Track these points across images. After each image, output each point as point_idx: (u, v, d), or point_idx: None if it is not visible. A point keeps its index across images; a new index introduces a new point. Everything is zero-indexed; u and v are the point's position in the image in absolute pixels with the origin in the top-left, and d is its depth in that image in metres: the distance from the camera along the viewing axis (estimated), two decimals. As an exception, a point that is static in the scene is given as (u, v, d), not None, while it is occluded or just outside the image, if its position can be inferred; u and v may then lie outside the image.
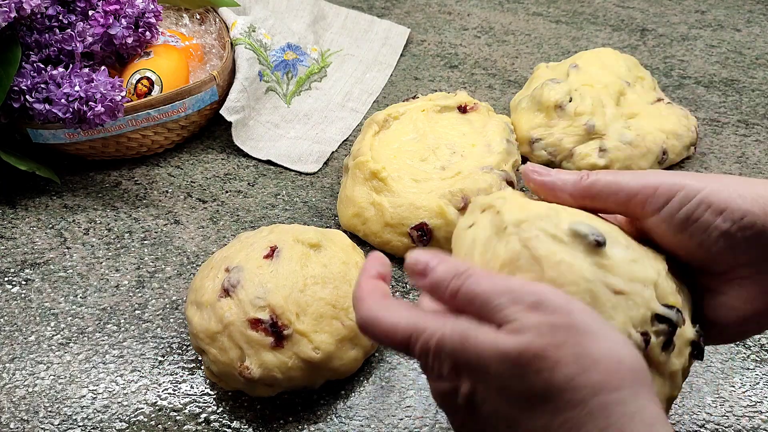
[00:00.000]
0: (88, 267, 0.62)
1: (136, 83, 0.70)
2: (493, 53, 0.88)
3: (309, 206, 0.68)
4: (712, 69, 0.85)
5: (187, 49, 0.76)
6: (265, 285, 0.50)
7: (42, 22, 0.69)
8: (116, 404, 0.52)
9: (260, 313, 0.49)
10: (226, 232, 0.65)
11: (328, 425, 0.50)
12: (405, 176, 0.62)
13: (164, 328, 0.57)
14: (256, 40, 0.78)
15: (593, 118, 0.68)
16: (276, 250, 0.52)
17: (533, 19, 0.95)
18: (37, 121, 0.66)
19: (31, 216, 0.67)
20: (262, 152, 0.74)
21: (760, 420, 0.50)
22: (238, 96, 0.74)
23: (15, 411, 0.51)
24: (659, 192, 0.36)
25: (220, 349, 0.49)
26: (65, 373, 0.54)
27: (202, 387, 0.53)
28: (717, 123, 0.77)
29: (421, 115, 0.67)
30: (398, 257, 0.62)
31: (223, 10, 0.80)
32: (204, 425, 0.50)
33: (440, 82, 0.84)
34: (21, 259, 0.63)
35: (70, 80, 0.64)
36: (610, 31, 0.93)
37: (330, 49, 0.87)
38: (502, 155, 0.64)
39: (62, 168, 0.71)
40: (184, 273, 0.61)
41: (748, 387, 0.52)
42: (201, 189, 0.70)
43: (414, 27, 0.93)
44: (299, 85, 0.81)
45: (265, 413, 0.51)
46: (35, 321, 0.58)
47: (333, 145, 0.75)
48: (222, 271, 0.51)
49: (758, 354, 0.55)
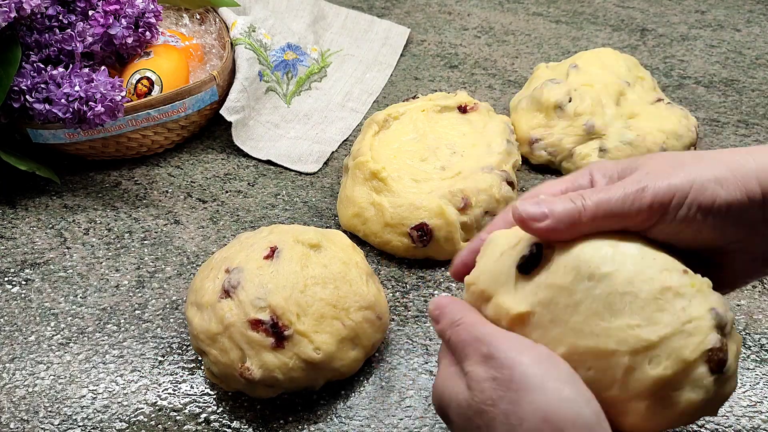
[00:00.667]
0: (88, 267, 0.62)
1: (136, 83, 0.70)
2: (493, 53, 0.88)
3: (309, 206, 0.68)
4: (712, 69, 0.85)
5: (187, 49, 0.76)
6: (266, 286, 0.50)
7: (42, 22, 0.69)
8: (116, 404, 0.52)
9: (261, 314, 0.49)
10: (226, 232, 0.65)
11: (328, 425, 0.50)
12: (405, 176, 0.62)
13: (164, 328, 0.57)
14: (256, 40, 0.78)
15: (593, 118, 0.68)
16: (276, 251, 0.52)
17: (533, 19, 0.95)
18: (37, 121, 0.66)
19: (31, 216, 0.67)
20: (262, 152, 0.74)
21: (760, 420, 0.50)
22: (238, 96, 0.74)
23: (15, 411, 0.51)
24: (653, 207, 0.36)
25: (220, 350, 0.49)
26: (65, 373, 0.54)
27: (202, 387, 0.53)
28: (717, 123, 0.77)
29: (421, 115, 0.67)
30: (398, 257, 0.62)
31: (223, 10, 0.80)
32: (204, 425, 0.50)
33: (440, 82, 0.84)
34: (21, 259, 0.63)
35: (70, 80, 0.64)
36: (610, 31, 0.93)
37: (330, 49, 0.87)
38: (503, 155, 0.64)
39: (62, 168, 0.71)
40: (184, 273, 0.61)
41: (748, 387, 0.52)
42: (201, 189, 0.70)
43: (414, 27, 0.93)
44: (299, 85, 0.81)
45: (265, 413, 0.51)
46: (35, 321, 0.58)
47: (333, 145, 0.75)
48: (222, 271, 0.51)
49: (758, 354, 0.55)
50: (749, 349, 0.55)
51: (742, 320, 0.57)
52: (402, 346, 0.56)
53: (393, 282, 0.61)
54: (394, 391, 0.52)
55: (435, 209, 0.60)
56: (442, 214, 0.60)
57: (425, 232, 0.60)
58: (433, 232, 0.60)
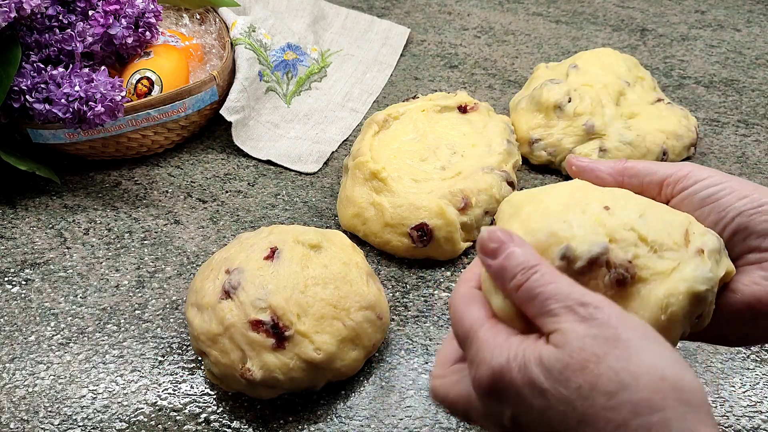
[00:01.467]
0: (88, 267, 0.62)
1: (136, 83, 0.70)
2: (493, 53, 0.88)
3: (309, 206, 0.68)
4: (712, 69, 0.85)
5: (187, 49, 0.76)
6: (266, 286, 0.50)
7: (42, 22, 0.69)
8: (116, 404, 0.52)
9: (261, 315, 0.49)
10: (226, 232, 0.65)
11: (328, 425, 0.50)
12: (405, 176, 0.62)
13: (164, 328, 0.57)
14: (256, 40, 0.78)
15: (592, 119, 0.68)
16: (276, 252, 0.52)
17: (533, 19, 0.95)
18: (37, 121, 0.66)
19: (31, 216, 0.67)
20: (262, 152, 0.74)
21: (760, 420, 0.50)
22: (238, 96, 0.74)
23: (15, 411, 0.51)
24: (690, 176, 0.39)
25: (221, 351, 0.49)
26: (65, 373, 0.54)
27: (202, 387, 0.53)
28: (717, 123, 0.77)
29: (421, 115, 0.67)
30: (398, 257, 0.62)
31: (223, 10, 0.80)
32: (204, 425, 0.50)
33: (440, 82, 0.84)
34: (21, 259, 0.63)
35: (70, 80, 0.64)
36: (610, 31, 0.93)
37: (330, 49, 0.87)
38: (503, 156, 0.64)
39: (62, 168, 0.71)
40: (184, 273, 0.61)
41: (748, 387, 0.52)
42: (201, 189, 0.70)
43: (414, 27, 0.93)
44: (299, 85, 0.81)
45: (265, 413, 0.51)
46: (35, 321, 0.58)
47: (333, 145, 0.75)
48: (222, 272, 0.51)
49: (758, 354, 0.55)
50: (749, 349, 0.55)
51: (742, 320, 0.57)
52: (402, 346, 0.56)
53: (393, 282, 0.61)
54: (394, 391, 0.52)
55: (435, 209, 0.60)
56: (443, 214, 0.60)
57: (425, 232, 0.60)
58: (433, 232, 0.60)
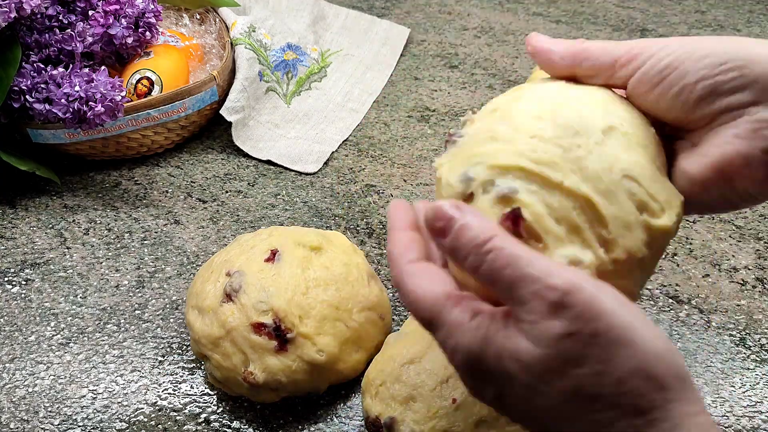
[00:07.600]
0: (88, 267, 0.62)
1: (136, 83, 0.70)
2: (493, 53, 0.88)
3: (309, 206, 0.68)
4: (711, 69, 0.85)
5: (187, 49, 0.76)
6: (268, 289, 0.49)
7: (42, 22, 0.69)
8: (116, 404, 0.52)
9: (263, 317, 0.48)
10: (226, 232, 0.65)
11: (328, 425, 0.50)
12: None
13: (164, 328, 0.57)
14: (256, 40, 0.78)
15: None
16: (277, 254, 0.52)
17: (533, 19, 0.95)
18: (37, 121, 0.66)
19: (31, 216, 0.67)
20: (262, 152, 0.73)
21: (760, 420, 0.50)
22: (238, 96, 0.74)
23: (15, 411, 0.51)
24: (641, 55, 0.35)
25: (223, 354, 0.49)
26: (65, 373, 0.54)
27: (202, 387, 0.53)
28: (717, 123, 0.77)
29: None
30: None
31: (223, 10, 0.80)
32: (204, 425, 0.50)
33: (440, 82, 0.84)
34: (21, 259, 0.63)
35: (70, 80, 0.64)
36: (610, 31, 0.93)
37: (330, 49, 0.87)
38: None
39: (62, 168, 0.71)
40: (184, 273, 0.61)
41: (748, 387, 0.52)
42: (201, 189, 0.70)
43: (414, 27, 0.93)
44: (299, 85, 0.81)
45: (265, 413, 0.51)
46: (35, 321, 0.57)
47: (333, 145, 0.75)
48: (222, 275, 0.51)
49: (758, 354, 0.55)
50: (749, 349, 0.55)
51: (743, 320, 0.57)
52: (402, 346, 0.56)
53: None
54: (394, 392, 0.52)
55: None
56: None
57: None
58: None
